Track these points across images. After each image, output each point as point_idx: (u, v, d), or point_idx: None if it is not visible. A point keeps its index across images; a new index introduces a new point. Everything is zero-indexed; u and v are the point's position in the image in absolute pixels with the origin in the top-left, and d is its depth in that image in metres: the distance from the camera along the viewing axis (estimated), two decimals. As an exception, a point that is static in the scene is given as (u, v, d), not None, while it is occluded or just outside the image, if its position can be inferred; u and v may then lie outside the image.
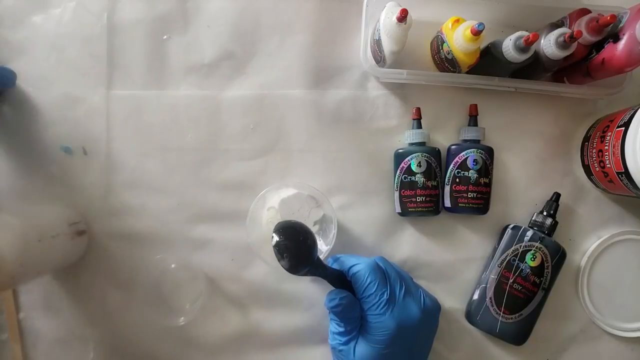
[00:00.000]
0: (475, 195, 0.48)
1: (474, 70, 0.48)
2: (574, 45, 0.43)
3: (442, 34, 0.46)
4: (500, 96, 0.51)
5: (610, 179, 0.46)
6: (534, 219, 0.50)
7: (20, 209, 0.45)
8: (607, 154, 0.45)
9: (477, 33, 0.41)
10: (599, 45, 0.44)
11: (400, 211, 0.50)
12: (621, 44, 0.42)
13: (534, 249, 0.48)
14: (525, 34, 0.43)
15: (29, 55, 0.50)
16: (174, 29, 0.51)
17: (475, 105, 0.50)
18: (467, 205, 0.49)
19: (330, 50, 0.51)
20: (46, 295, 0.50)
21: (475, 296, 0.49)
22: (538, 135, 0.52)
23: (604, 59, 0.44)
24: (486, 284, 0.49)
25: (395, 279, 0.44)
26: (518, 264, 0.48)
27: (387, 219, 0.51)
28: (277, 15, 0.51)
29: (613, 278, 0.51)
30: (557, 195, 0.50)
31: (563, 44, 0.42)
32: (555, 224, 0.49)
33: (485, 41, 0.45)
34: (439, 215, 0.50)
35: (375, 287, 0.42)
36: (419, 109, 0.50)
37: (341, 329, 0.43)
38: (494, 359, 0.51)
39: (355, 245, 0.51)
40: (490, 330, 0.49)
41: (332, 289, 0.43)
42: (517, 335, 0.48)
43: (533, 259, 0.48)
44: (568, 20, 0.46)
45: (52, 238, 0.44)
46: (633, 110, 0.42)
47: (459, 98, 0.51)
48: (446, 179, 0.49)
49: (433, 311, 0.46)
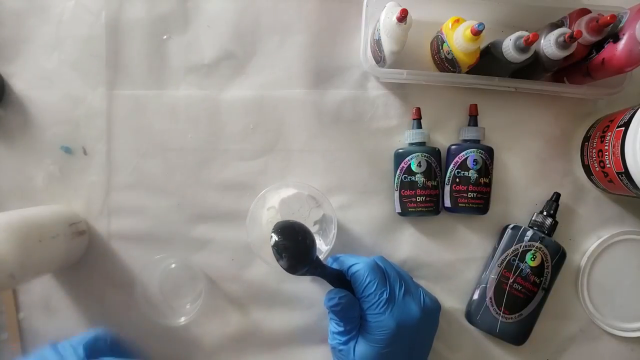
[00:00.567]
0: (475, 195, 0.48)
1: (474, 70, 0.48)
2: (574, 45, 0.43)
3: (442, 34, 0.46)
4: (500, 96, 0.51)
5: (610, 179, 0.46)
6: (534, 219, 0.50)
7: (20, 209, 0.45)
8: (607, 154, 0.45)
9: (477, 33, 0.41)
10: (599, 45, 0.44)
11: (400, 211, 0.50)
12: (621, 44, 0.42)
13: (534, 249, 0.48)
14: (525, 34, 0.43)
15: (29, 55, 0.50)
16: (174, 29, 0.51)
17: (475, 105, 0.50)
18: (467, 205, 0.49)
19: (330, 50, 0.51)
20: (46, 295, 0.50)
21: (475, 296, 0.49)
22: (538, 135, 0.52)
23: (604, 59, 0.44)
24: (486, 284, 0.49)
25: (394, 278, 0.44)
26: (518, 264, 0.48)
27: (387, 219, 0.51)
28: (277, 15, 0.51)
29: (613, 278, 0.51)
30: (557, 195, 0.50)
31: (563, 44, 0.42)
32: (555, 224, 0.49)
33: (485, 41, 0.45)
34: (439, 215, 0.50)
35: (374, 287, 0.42)
36: (419, 109, 0.50)
37: (340, 329, 0.43)
38: (494, 359, 0.51)
39: (355, 245, 0.51)
40: (490, 330, 0.49)
41: (332, 289, 0.43)
42: (517, 335, 0.48)
43: (533, 259, 0.48)
44: (568, 20, 0.46)
45: (52, 238, 0.44)
46: (633, 110, 0.42)
47: (459, 98, 0.51)
48: (446, 179, 0.49)
49: (433, 311, 0.46)
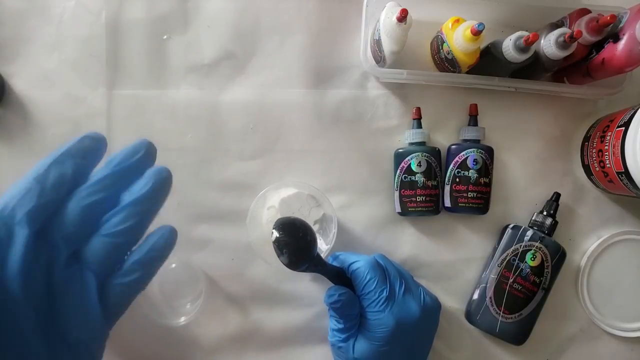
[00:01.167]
0: (475, 195, 0.48)
1: (474, 70, 0.48)
2: (574, 45, 0.43)
3: (442, 34, 0.46)
4: (500, 96, 0.51)
5: (610, 179, 0.46)
6: (534, 218, 0.50)
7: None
8: (607, 153, 0.45)
9: (477, 33, 0.41)
10: (599, 45, 0.44)
11: (400, 211, 0.50)
12: (621, 44, 0.42)
13: (534, 248, 0.48)
14: (525, 34, 0.43)
15: (29, 55, 0.50)
16: (174, 29, 0.51)
17: (476, 105, 0.50)
18: (467, 205, 0.49)
19: (330, 50, 0.51)
20: (46, 295, 0.50)
21: (475, 296, 0.49)
22: (538, 135, 0.52)
23: (604, 59, 0.44)
24: (486, 284, 0.49)
25: (395, 276, 0.44)
26: (518, 263, 0.48)
27: (387, 219, 0.51)
28: (277, 15, 0.51)
29: (613, 278, 0.51)
30: (557, 195, 0.50)
31: (563, 44, 0.42)
32: (555, 224, 0.49)
33: (485, 41, 0.45)
34: (439, 215, 0.50)
35: (374, 284, 0.42)
36: (419, 108, 0.50)
37: (340, 326, 0.43)
38: (494, 358, 0.51)
39: (355, 245, 0.51)
40: (490, 330, 0.49)
41: (332, 286, 0.43)
42: (517, 335, 0.48)
43: (533, 259, 0.48)
44: (568, 20, 0.46)
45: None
46: (633, 110, 0.42)
47: (459, 98, 0.51)
48: (446, 179, 0.49)
49: (433, 309, 0.46)
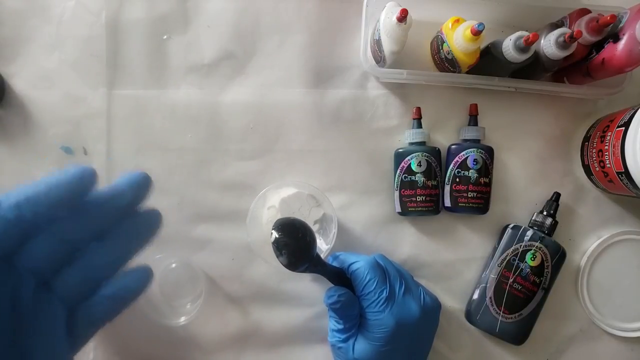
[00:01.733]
0: (475, 194, 0.48)
1: (474, 70, 0.48)
2: (574, 45, 0.43)
3: (442, 34, 0.46)
4: (500, 96, 0.51)
5: (610, 179, 0.46)
6: (534, 218, 0.50)
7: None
8: (607, 153, 0.45)
9: (477, 33, 0.41)
10: (599, 45, 0.44)
11: (400, 211, 0.50)
12: (621, 44, 0.42)
13: (534, 248, 0.48)
14: (525, 34, 0.43)
15: (29, 55, 0.50)
16: (174, 29, 0.51)
17: (476, 105, 0.50)
18: (467, 204, 0.49)
19: (330, 50, 0.51)
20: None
21: (475, 296, 0.49)
22: (538, 135, 0.52)
23: (604, 59, 0.44)
24: (486, 284, 0.49)
25: (395, 276, 0.44)
26: (518, 263, 0.48)
27: (387, 219, 0.51)
28: (277, 15, 0.51)
29: (613, 278, 0.51)
30: (557, 195, 0.50)
31: (563, 44, 0.42)
32: (555, 224, 0.49)
33: (485, 41, 0.45)
34: (439, 215, 0.50)
35: (374, 285, 0.42)
36: (419, 108, 0.50)
37: (340, 327, 0.43)
38: (494, 358, 0.51)
39: (356, 245, 0.51)
40: (490, 330, 0.49)
41: (331, 286, 0.43)
42: (517, 335, 0.48)
43: (533, 259, 0.48)
44: (568, 20, 0.46)
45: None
46: (633, 110, 0.42)
47: (459, 98, 0.51)
48: (446, 179, 0.49)
49: (433, 310, 0.46)
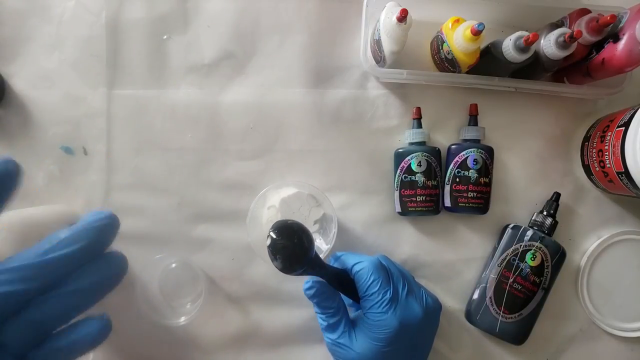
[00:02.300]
0: (475, 194, 0.48)
1: (474, 70, 0.48)
2: (574, 45, 0.43)
3: (442, 34, 0.46)
4: (500, 96, 0.51)
5: (610, 179, 0.46)
6: (534, 218, 0.50)
7: (20, 209, 0.45)
8: (607, 153, 0.45)
9: (477, 33, 0.41)
10: (599, 45, 0.44)
11: (400, 211, 0.50)
12: (621, 44, 0.42)
13: (534, 248, 0.48)
14: (525, 34, 0.43)
15: (29, 55, 0.50)
16: (174, 29, 0.51)
17: (476, 105, 0.50)
18: (467, 204, 0.49)
19: (330, 50, 0.51)
20: (46, 295, 0.50)
21: (475, 296, 0.49)
22: (538, 135, 0.52)
23: (604, 59, 0.44)
24: (486, 284, 0.49)
25: (398, 277, 0.44)
26: (518, 263, 0.48)
27: (387, 219, 0.51)
28: (277, 15, 0.51)
29: (613, 278, 0.51)
30: (557, 195, 0.50)
31: (563, 44, 0.43)
32: (555, 224, 0.49)
33: (485, 41, 0.45)
34: (439, 215, 0.50)
35: (378, 285, 0.42)
36: (419, 108, 0.50)
37: (324, 323, 0.43)
38: (494, 358, 0.51)
39: (355, 245, 0.51)
40: (490, 330, 0.49)
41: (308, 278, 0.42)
42: (517, 335, 0.48)
43: (533, 259, 0.48)
44: (568, 20, 0.46)
45: None
46: (633, 110, 0.42)
47: (459, 98, 0.51)
48: (446, 179, 0.49)
49: (435, 311, 0.45)
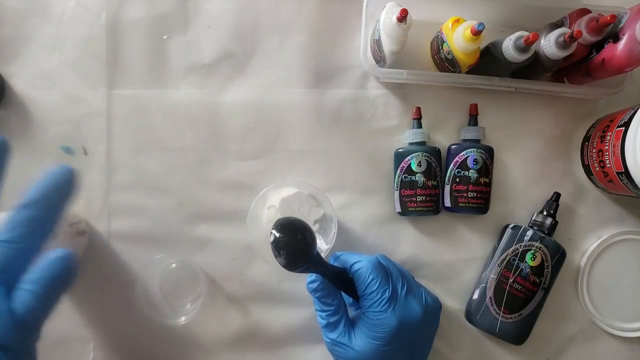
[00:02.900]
0: (475, 194, 0.48)
1: (474, 70, 0.48)
2: (574, 45, 0.43)
3: (442, 34, 0.46)
4: (500, 96, 0.51)
5: (610, 179, 0.46)
6: (534, 218, 0.50)
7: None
8: (607, 153, 0.45)
9: (477, 33, 0.41)
10: (599, 45, 0.44)
11: (400, 211, 0.50)
12: (621, 44, 0.42)
13: (534, 248, 0.48)
14: (525, 34, 0.43)
15: (29, 55, 0.50)
16: (174, 29, 0.51)
17: (476, 105, 0.50)
18: (467, 204, 0.49)
19: (330, 50, 0.51)
20: (46, 295, 0.50)
21: (475, 296, 0.49)
22: (538, 135, 0.52)
23: (604, 59, 0.44)
24: (486, 284, 0.49)
25: (397, 276, 0.44)
26: (518, 263, 0.48)
27: (387, 219, 0.51)
28: (277, 15, 0.51)
29: (613, 278, 0.51)
30: (557, 195, 0.50)
31: (563, 44, 0.43)
32: (555, 224, 0.49)
33: (485, 41, 0.45)
34: (439, 215, 0.50)
35: (377, 285, 0.42)
36: (419, 108, 0.50)
37: (324, 322, 0.43)
38: (494, 358, 0.51)
39: (356, 245, 0.51)
40: (490, 330, 0.49)
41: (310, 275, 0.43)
42: (517, 335, 0.48)
43: (533, 259, 0.48)
44: (568, 20, 0.46)
45: (52, 238, 0.44)
46: (633, 110, 0.42)
47: (459, 98, 0.51)
48: (446, 179, 0.49)
49: (434, 310, 0.45)
